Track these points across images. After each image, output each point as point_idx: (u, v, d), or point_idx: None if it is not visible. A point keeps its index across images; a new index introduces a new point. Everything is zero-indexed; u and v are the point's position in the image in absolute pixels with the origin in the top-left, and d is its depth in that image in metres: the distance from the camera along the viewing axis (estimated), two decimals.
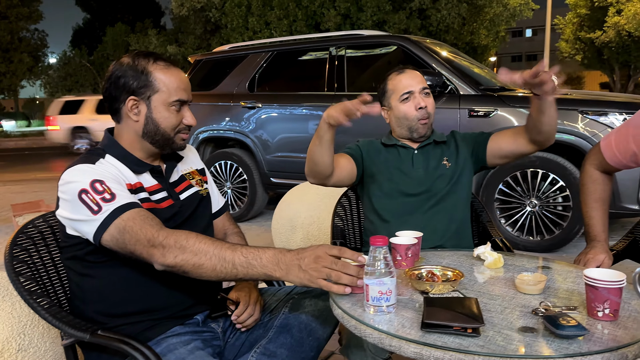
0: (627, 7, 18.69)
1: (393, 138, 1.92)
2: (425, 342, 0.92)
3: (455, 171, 1.84)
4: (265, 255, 1.16)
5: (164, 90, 1.33)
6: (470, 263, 1.41)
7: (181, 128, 1.38)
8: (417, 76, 1.86)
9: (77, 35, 31.55)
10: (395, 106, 1.86)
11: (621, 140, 1.55)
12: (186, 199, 1.45)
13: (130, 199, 1.25)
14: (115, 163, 1.34)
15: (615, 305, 1.00)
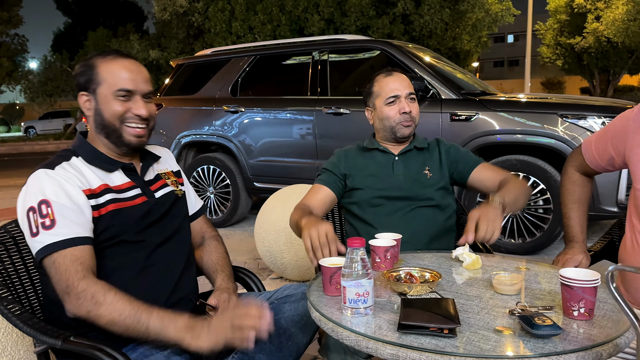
0: (606, 13, 19.06)
1: (375, 141, 1.92)
2: (402, 343, 0.92)
3: (437, 181, 1.84)
4: (180, 321, 1.18)
5: (107, 81, 1.33)
6: (448, 264, 1.41)
7: (127, 117, 1.35)
8: (405, 80, 1.86)
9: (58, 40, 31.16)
10: (379, 108, 1.86)
11: (600, 144, 1.56)
12: (161, 197, 1.44)
13: (69, 234, 1.23)
14: (80, 166, 1.34)
15: (591, 304, 1.00)
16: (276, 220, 3.39)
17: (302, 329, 1.38)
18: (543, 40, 24.23)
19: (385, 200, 1.82)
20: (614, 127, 1.52)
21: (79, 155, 1.36)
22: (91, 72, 1.34)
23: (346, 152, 1.93)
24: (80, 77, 1.36)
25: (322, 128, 4.55)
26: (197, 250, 1.63)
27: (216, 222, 4.99)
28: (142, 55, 17.17)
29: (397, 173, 1.84)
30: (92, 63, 1.35)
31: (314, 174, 4.61)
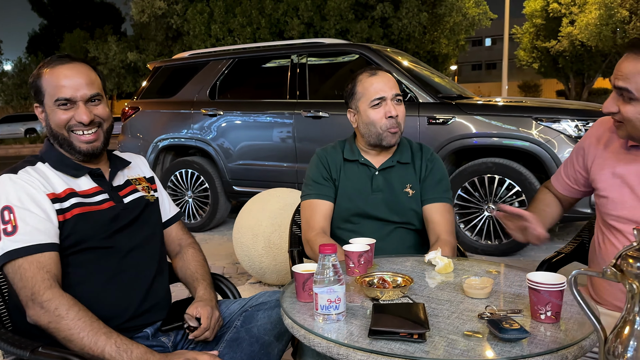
0: (580, 17, 19.47)
1: (356, 150, 1.79)
2: (372, 349, 0.92)
3: (418, 198, 1.74)
4: (137, 351, 1.17)
5: (49, 92, 1.33)
6: (421, 268, 1.42)
7: (72, 125, 1.33)
8: (390, 80, 1.72)
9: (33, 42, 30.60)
10: (363, 110, 1.72)
11: (568, 166, 1.63)
12: (130, 202, 1.43)
13: (32, 241, 1.22)
14: (45, 171, 1.32)
15: (557, 307, 1.02)
16: (254, 224, 3.38)
17: (277, 337, 1.38)
18: (520, 44, 24.63)
19: (361, 219, 1.75)
20: (578, 144, 1.60)
21: (46, 161, 1.35)
22: (38, 83, 1.33)
23: (327, 155, 1.81)
24: (32, 89, 1.35)
25: (301, 131, 4.55)
26: (175, 258, 1.62)
27: (195, 227, 4.95)
28: (120, 57, 16.97)
29: (376, 190, 1.73)
30: (38, 75, 1.34)
31: (293, 177, 4.61)
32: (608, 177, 1.44)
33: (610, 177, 1.43)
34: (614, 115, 1.33)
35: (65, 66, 1.32)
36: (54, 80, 1.31)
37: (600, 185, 1.46)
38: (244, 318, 1.41)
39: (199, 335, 1.35)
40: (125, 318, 1.34)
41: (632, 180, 1.38)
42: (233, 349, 1.31)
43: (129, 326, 1.35)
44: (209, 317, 1.36)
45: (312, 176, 1.79)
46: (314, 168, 1.80)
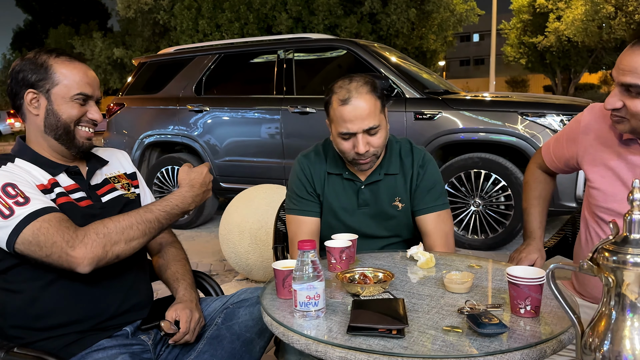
0: (566, 13, 19.60)
1: (340, 163, 1.67)
2: (351, 345, 0.92)
3: (407, 210, 1.65)
4: (173, 198, 1.30)
5: (65, 84, 1.31)
6: (403, 264, 1.42)
7: (82, 120, 1.34)
8: (363, 111, 1.49)
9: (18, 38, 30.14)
10: (334, 134, 1.58)
11: (557, 147, 1.61)
12: (109, 201, 1.40)
13: (47, 203, 1.21)
14: (25, 166, 1.30)
15: (536, 301, 1.02)
16: (240, 221, 3.36)
17: (258, 334, 1.36)
18: (507, 40, 24.75)
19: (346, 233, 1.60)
20: (568, 129, 1.57)
21: (21, 158, 1.31)
22: (44, 71, 1.30)
23: (311, 166, 1.68)
24: (28, 74, 1.30)
25: (288, 127, 4.53)
26: (155, 257, 1.59)
27: (182, 224, 4.92)
28: (106, 53, 16.78)
29: (363, 205, 1.64)
30: (43, 62, 1.30)
31: (280, 173, 4.59)
32: (600, 169, 1.42)
33: (603, 169, 1.42)
34: (617, 111, 1.29)
35: (83, 64, 1.36)
36: (75, 75, 1.32)
37: (592, 177, 1.44)
38: (225, 315, 1.40)
39: (178, 340, 1.33)
40: (105, 317, 1.32)
41: (624, 173, 1.37)
42: (214, 347, 1.30)
43: (109, 325, 1.33)
44: (187, 320, 1.33)
45: (296, 189, 1.69)
46: (297, 181, 1.69)
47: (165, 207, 1.28)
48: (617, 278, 0.73)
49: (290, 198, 1.70)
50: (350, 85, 1.52)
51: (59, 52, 1.34)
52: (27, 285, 1.25)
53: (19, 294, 1.25)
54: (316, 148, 1.74)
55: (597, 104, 1.51)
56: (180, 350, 1.37)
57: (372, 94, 1.53)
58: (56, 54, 1.33)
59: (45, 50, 1.35)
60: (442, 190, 1.69)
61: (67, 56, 1.34)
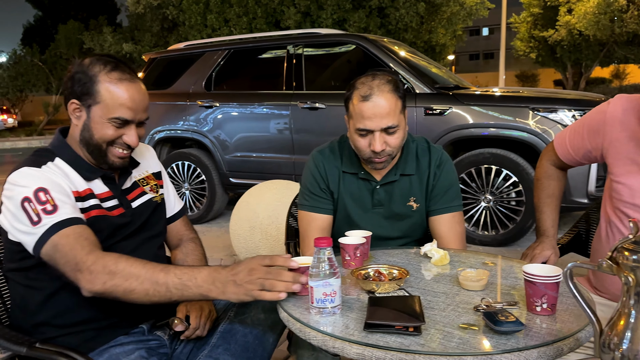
0: (578, 6, 19.36)
1: (355, 162, 1.65)
2: (368, 342, 0.92)
3: (422, 211, 1.65)
4: (200, 275, 1.13)
5: (107, 104, 1.26)
6: (417, 261, 1.42)
7: (117, 141, 1.30)
8: (383, 109, 1.47)
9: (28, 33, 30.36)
10: (351, 130, 1.57)
11: (576, 139, 1.56)
12: (138, 207, 1.41)
13: (72, 214, 1.20)
14: (64, 168, 1.29)
15: (553, 299, 1.02)
16: (251, 216, 3.38)
17: (271, 327, 1.37)
18: (517, 34, 24.52)
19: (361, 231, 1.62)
20: (590, 120, 1.51)
21: (60, 157, 1.30)
22: (91, 85, 1.26)
23: (325, 163, 1.67)
24: (76, 84, 1.27)
25: (298, 123, 4.53)
26: (174, 250, 1.61)
27: (192, 219, 4.95)
28: (115, 48, 16.83)
29: (377, 205, 1.64)
30: (93, 75, 1.26)
31: (290, 169, 4.61)
32: (626, 164, 1.39)
33: (629, 163, 1.38)
34: None
35: (131, 84, 1.28)
36: (119, 97, 1.26)
37: (616, 171, 1.41)
38: (237, 309, 1.41)
39: (189, 336, 1.34)
40: (122, 316, 1.33)
41: None
42: (227, 340, 1.31)
43: (126, 323, 1.34)
44: (197, 315, 1.34)
45: (309, 186, 1.68)
46: (310, 177, 1.68)
47: (183, 277, 1.13)
48: (637, 277, 0.73)
49: (303, 194, 1.70)
50: (373, 82, 1.50)
51: (113, 66, 1.28)
52: (48, 283, 1.27)
53: (41, 291, 1.27)
54: (331, 145, 1.72)
55: (623, 95, 1.46)
56: (194, 345, 1.39)
57: (394, 93, 1.51)
58: (110, 67, 1.27)
59: (102, 61, 1.28)
60: (458, 191, 1.68)
61: (119, 72, 1.27)
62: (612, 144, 1.43)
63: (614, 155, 1.42)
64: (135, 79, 1.30)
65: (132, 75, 1.30)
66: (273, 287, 1.08)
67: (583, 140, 1.53)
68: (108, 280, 1.13)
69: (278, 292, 1.08)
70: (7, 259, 1.31)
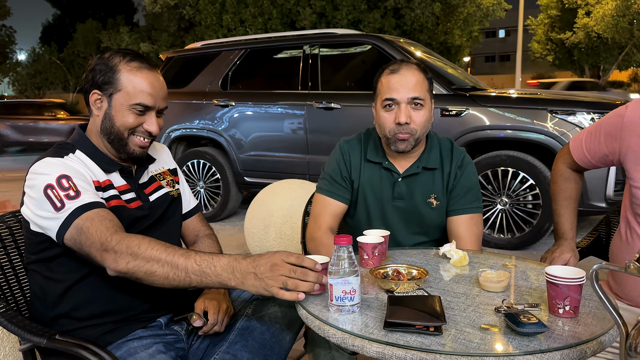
0: (596, 9, 19.15)
1: (380, 151, 1.67)
2: (388, 341, 0.92)
3: (442, 209, 1.64)
4: (220, 263, 1.13)
5: (128, 91, 1.29)
6: (436, 261, 1.41)
7: (137, 130, 1.33)
8: (410, 81, 1.52)
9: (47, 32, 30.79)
10: (378, 109, 1.59)
11: (593, 142, 1.54)
12: (155, 200, 1.43)
13: (94, 198, 1.22)
14: (84, 159, 1.32)
15: (576, 302, 1.01)
16: (265, 215, 3.39)
17: (288, 325, 1.38)
18: (534, 36, 24.31)
19: (380, 224, 1.66)
20: (607, 124, 1.49)
21: (80, 149, 1.33)
22: (112, 74, 1.29)
23: (351, 151, 1.69)
24: (97, 74, 1.30)
25: (312, 123, 4.54)
26: (191, 247, 1.62)
27: (206, 217, 4.91)
28: (133, 47, 17.02)
29: (397, 198, 1.63)
30: (113, 65, 1.30)
31: (304, 169, 4.61)
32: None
33: None
34: None
35: (151, 73, 1.32)
36: (139, 83, 1.29)
37: (635, 176, 1.39)
38: (254, 306, 1.41)
39: (207, 331, 1.35)
40: (140, 310, 1.34)
41: None
42: (245, 337, 1.32)
43: (143, 317, 1.35)
44: (215, 311, 1.35)
45: (331, 171, 1.69)
46: (334, 163, 1.69)
47: (202, 263, 1.13)
48: None
49: (324, 179, 1.71)
50: (402, 63, 1.60)
51: (132, 57, 1.32)
52: (67, 276, 1.28)
53: (60, 282, 1.29)
54: (359, 135, 1.74)
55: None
56: (211, 340, 1.39)
57: (422, 72, 1.58)
58: (130, 58, 1.31)
59: (121, 53, 1.33)
60: (478, 193, 1.68)
61: (139, 62, 1.32)
62: (630, 148, 1.41)
63: (633, 160, 1.40)
64: (153, 68, 1.34)
65: (151, 65, 1.35)
66: (297, 287, 1.07)
67: (600, 143, 1.50)
68: (131, 260, 1.14)
69: (298, 292, 1.07)
70: (27, 250, 1.33)
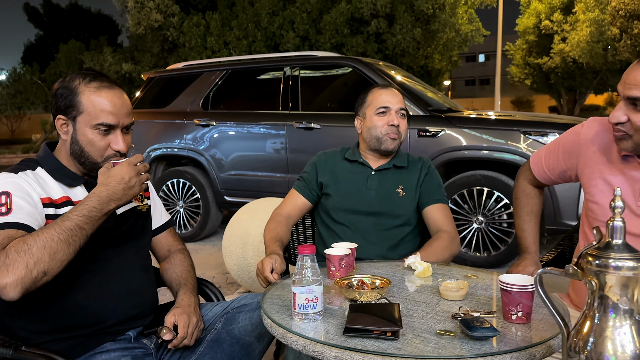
0: (571, 35, 19.74)
1: (357, 152, 1.96)
2: (347, 346, 0.95)
3: (408, 201, 1.87)
4: (89, 200, 1.21)
5: (89, 112, 1.31)
6: (401, 273, 1.45)
7: (110, 155, 1.35)
8: (398, 96, 1.91)
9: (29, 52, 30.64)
10: (369, 117, 1.90)
11: (551, 159, 1.61)
12: (122, 214, 1.44)
13: (22, 220, 1.20)
14: (44, 176, 1.33)
15: (528, 308, 1.05)
16: (244, 233, 3.40)
17: (258, 338, 1.40)
18: (513, 60, 24.92)
19: (354, 214, 1.86)
20: (565, 142, 1.56)
21: (43, 167, 1.35)
22: (72, 97, 1.31)
23: (326, 158, 1.99)
24: (59, 99, 1.33)
25: (293, 142, 4.59)
26: (162, 262, 1.63)
27: (186, 237, 4.96)
28: (115, 68, 17.01)
29: (370, 188, 1.88)
30: (74, 87, 1.32)
31: (285, 188, 4.64)
32: (599, 184, 1.43)
33: (602, 183, 1.43)
34: (621, 126, 1.30)
35: (111, 91, 1.34)
36: (100, 103, 1.31)
37: (591, 191, 1.45)
38: (225, 320, 1.43)
39: (177, 345, 1.35)
40: (109, 323, 1.35)
41: (623, 189, 1.37)
42: (214, 349, 1.33)
43: (113, 330, 1.36)
44: (185, 325, 1.35)
45: (305, 173, 1.99)
46: (310, 166, 2.00)
47: (83, 211, 1.18)
48: (599, 281, 0.77)
49: (298, 179, 2.00)
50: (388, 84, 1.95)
51: (92, 77, 1.34)
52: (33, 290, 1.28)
53: (26, 296, 1.29)
54: (337, 148, 2.04)
55: (597, 117, 1.52)
56: (181, 354, 1.40)
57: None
58: (89, 78, 1.33)
59: (81, 74, 1.35)
60: (445, 193, 1.96)
61: (99, 81, 1.33)
62: (586, 163, 1.47)
63: (589, 175, 1.47)
64: (113, 86, 1.36)
65: (111, 83, 1.36)
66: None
67: (558, 160, 1.58)
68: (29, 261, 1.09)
69: None
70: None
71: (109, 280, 1.36)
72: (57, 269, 1.14)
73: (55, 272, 1.14)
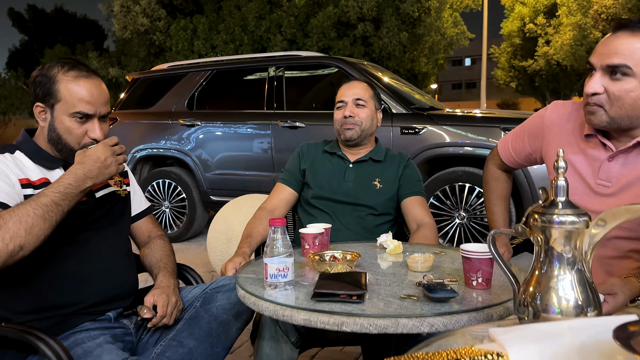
0: (555, 38, 20.06)
1: (337, 146, 2.03)
2: (314, 309, 1.00)
3: (384, 193, 1.92)
4: (65, 177, 1.23)
5: (67, 101, 1.34)
6: (374, 251, 1.51)
7: (87, 143, 1.37)
8: (355, 87, 1.97)
9: (14, 57, 30.44)
10: (335, 112, 2.01)
11: (517, 142, 1.67)
12: (102, 197, 1.47)
13: None
14: (22, 159, 1.36)
15: (487, 274, 1.11)
16: (228, 229, 3.44)
17: (235, 316, 1.43)
18: (498, 64, 25.23)
19: (332, 203, 1.92)
20: (530, 125, 1.62)
21: (22, 150, 1.38)
22: (50, 85, 1.33)
23: (309, 148, 2.05)
24: (37, 87, 1.35)
25: (278, 141, 4.63)
26: (142, 248, 1.66)
27: (172, 237, 4.96)
28: (101, 72, 16.94)
29: (348, 180, 1.95)
30: (52, 76, 1.34)
31: (270, 186, 4.60)
32: None
33: None
34: (596, 99, 1.29)
35: (89, 81, 1.36)
36: (77, 93, 1.33)
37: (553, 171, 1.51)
38: (203, 299, 1.47)
39: (156, 323, 1.38)
40: (88, 304, 1.37)
41: (584, 168, 1.41)
42: (192, 326, 1.37)
43: (93, 310, 1.39)
44: (164, 305, 1.38)
45: (288, 164, 2.05)
46: (292, 158, 2.06)
47: (59, 188, 1.21)
48: (545, 236, 0.82)
49: (283, 170, 2.07)
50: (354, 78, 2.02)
51: (71, 66, 1.36)
52: (13, 269, 1.31)
53: (6, 276, 1.31)
54: (319, 141, 2.11)
55: (559, 101, 1.57)
56: (161, 334, 1.43)
57: (368, 86, 2.02)
58: (68, 67, 1.35)
59: (60, 63, 1.37)
60: (423, 187, 1.99)
61: (77, 70, 1.35)
62: (550, 146, 1.53)
63: (552, 158, 1.52)
64: (92, 76, 1.39)
65: (89, 73, 1.39)
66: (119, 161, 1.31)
67: (524, 143, 1.63)
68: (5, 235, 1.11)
69: None
70: None
71: (89, 261, 1.39)
72: (34, 243, 1.16)
73: (32, 247, 1.15)
